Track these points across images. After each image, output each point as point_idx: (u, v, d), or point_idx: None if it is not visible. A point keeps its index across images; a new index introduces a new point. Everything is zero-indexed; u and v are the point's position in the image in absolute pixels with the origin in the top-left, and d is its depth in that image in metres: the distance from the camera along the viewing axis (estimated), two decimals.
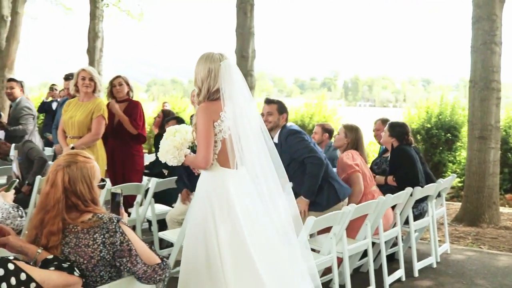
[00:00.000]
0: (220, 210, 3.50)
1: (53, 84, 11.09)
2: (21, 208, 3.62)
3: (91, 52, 14.02)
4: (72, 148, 5.70)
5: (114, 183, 6.32)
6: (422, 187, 5.62)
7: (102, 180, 3.04)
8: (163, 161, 3.78)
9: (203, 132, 3.51)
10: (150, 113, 16.54)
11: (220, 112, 3.51)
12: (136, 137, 6.45)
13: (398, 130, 5.93)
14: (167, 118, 6.89)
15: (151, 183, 5.75)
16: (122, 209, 3.17)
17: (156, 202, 5.82)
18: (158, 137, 6.83)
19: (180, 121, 6.22)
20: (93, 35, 13.99)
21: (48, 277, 2.47)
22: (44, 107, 10.95)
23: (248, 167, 3.58)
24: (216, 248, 3.45)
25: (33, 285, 2.35)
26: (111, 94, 6.54)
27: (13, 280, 2.27)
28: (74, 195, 2.85)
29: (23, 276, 2.33)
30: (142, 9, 18.56)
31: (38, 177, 5.80)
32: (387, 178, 5.92)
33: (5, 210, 3.48)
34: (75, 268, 2.66)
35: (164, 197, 6.25)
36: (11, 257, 2.44)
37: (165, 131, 3.85)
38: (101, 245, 2.78)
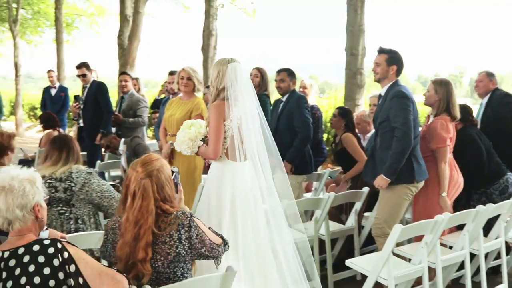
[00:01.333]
0: (224, 199, 3.97)
1: (166, 82, 11.47)
2: None
3: (205, 49, 14.28)
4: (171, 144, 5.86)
5: None
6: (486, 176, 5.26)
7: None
8: (178, 150, 4.37)
9: (214, 127, 4.01)
10: None
11: (229, 112, 3.98)
12: None
13: (461, 112, 5.31)
14: None
15: None
16: (180, 186, 3.31)
17: None
18: None
19: None
20: (207, 33, 14.26)
21: (88, 258, 2.60)
22: (157, 104, 11.38)
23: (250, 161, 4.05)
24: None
25: (73, 267, 2.49)
26: None
27: (59, 257, 2.47)
28: (163, 201, 2.94)
29: (65, 255, 2.49)
30: (255, 7, 18.84)
31: None
32: None
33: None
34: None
35: None
36: (64, 240, 2.64)
37: None
38: (177, 241, 2.87)
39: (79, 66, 8.38)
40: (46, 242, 2.52)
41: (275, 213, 4.07)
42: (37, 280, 2.42)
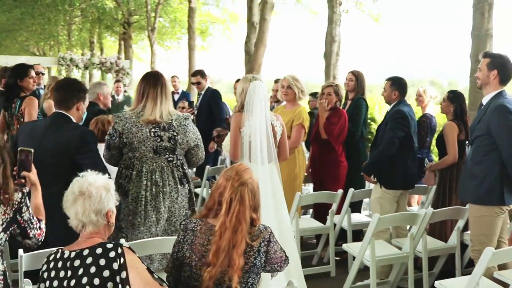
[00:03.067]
0: None
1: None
2: None
3: (327, 56, 14.19)
4: None
5: (315, 189, 6.43)
6: None
7: None
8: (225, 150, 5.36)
9: (231, 134, 4.89)
10: None
11: (245, 121, 4.72)
12: (330, 146, 6.31)
13: None
14: None
15: (348, 193, 5.73)
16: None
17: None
18: None
19: None
20: (329, 40, 14.17)
21: (141, 267, 2.71)
22: None
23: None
24: None
25: (123, 274, 2.62)
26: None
27: (118, 262, 2.63)
28: (254, 210, 3.00)
29: (121, 261, 2.64)
30: (379, 11, 18.61)
31: None
32: None
33: None
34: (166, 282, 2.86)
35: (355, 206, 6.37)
36: (127, 245, 2.80)
37: None
38: (256, 252, 2.94)
39: (193, 74, 8.73)
40: (109, 246, 2.68)
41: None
42: (96, 281, 2.58)
